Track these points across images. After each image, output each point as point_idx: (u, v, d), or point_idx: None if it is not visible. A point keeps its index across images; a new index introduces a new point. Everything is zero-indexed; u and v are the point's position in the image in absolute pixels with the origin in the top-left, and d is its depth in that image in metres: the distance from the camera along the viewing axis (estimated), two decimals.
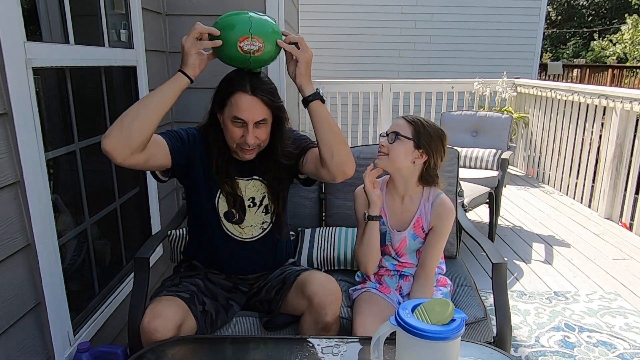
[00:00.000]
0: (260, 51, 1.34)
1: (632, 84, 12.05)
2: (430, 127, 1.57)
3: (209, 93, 1.50)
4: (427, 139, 1.55)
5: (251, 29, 1.32)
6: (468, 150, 3.92)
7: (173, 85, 1.33)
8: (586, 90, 4.43)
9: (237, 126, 1.44)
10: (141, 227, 2.41)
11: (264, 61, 1.40)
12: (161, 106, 1.31)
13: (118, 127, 1.24)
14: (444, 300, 1.01)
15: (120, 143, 1.24)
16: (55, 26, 1.67)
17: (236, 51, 1.33)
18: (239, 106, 1.41)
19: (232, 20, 1.34)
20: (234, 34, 1.32)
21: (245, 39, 1.31)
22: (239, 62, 1.38)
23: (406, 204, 1.64)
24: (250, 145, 1.45)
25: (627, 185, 3.86)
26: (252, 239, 1.61)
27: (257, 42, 1.32)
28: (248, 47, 1.32)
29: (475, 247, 3.21)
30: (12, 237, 1.35)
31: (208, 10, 2.55)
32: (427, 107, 5.40)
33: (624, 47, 17.33)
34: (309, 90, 1.41)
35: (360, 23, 7.17)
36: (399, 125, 1.57)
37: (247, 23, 1.32)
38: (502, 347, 1.51)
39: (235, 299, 1.61)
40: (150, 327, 1.29)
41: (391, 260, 1.69)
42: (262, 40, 1.33)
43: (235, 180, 1.56)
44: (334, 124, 1.44)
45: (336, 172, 1.43)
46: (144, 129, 1.27)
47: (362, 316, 1.54)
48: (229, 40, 1.32)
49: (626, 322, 2.42)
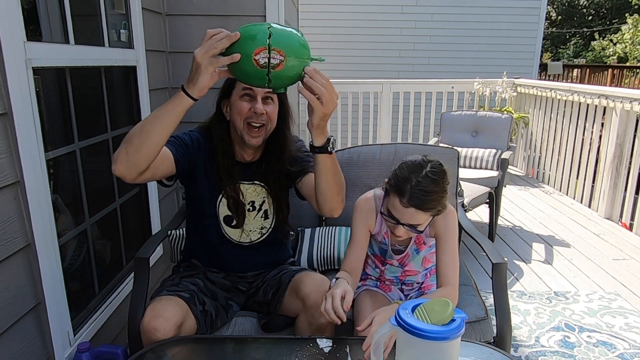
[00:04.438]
0: (281, 65, 1.12)
1: (632, 84, 12.05)
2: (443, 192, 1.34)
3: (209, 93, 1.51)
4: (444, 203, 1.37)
5: (270, 40, 1.11)
6: (468, 150, 3.92)
7: (175, 108, 1.21)
8: (586, 90, 4.43)
9: (246, 100, 1.45)
10: (141, 227, 2.41)
11: (288, 78, 1.17)
12: (165, 132, 1.24)
13: (124, 153, 1.24)
14: (444, 300, 1.01)
15: (129, 169, 1.25)
16: (55, 26, 1.67)
17: (251, 65, 1.12)
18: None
19: (248, 30, 1.15)
20: (249, 46, 1.12)
21: (262, 51, 1.11)
22: (256, 78, 1.16)
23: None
24: (259, 116, 1.44)
25: (627, 185, 3.86)
26: (250, 243, 1.61)
27: (277, 54, 1.11)
28: (264, 61, 1.11)
29: (475, 247, 3.21)
30: (12, 237, 1.35)
31: (208, 10, 2.54)
32: (427, 107, 5.39)
33: (624, 47, 17.34)
34: (318, 141, 1.28)
35: (360, 23, 7.17)
36: (414, 218, 1.36)
37: (265, 33, 1.12)
38: (502, 347, 1.51)
39: (234, 299, 1.62)
40: (150, 327, 1.29)
41: (394, 272, 1.64)
42: (284, 53, 1.12)
43: (239, 183, 1.56)
44: (338, 175, 1.37)
45: (323, 212, 1.46)
46: (150, 155, 1.26)
47: (363, 315, 1.53)
48: (242, 53, 1.13)
49: (626, 322, 2.42)
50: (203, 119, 1.60)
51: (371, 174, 2.03)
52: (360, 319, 1.52)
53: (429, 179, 1.31)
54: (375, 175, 2.03)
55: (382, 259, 1.63)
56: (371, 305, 1.55)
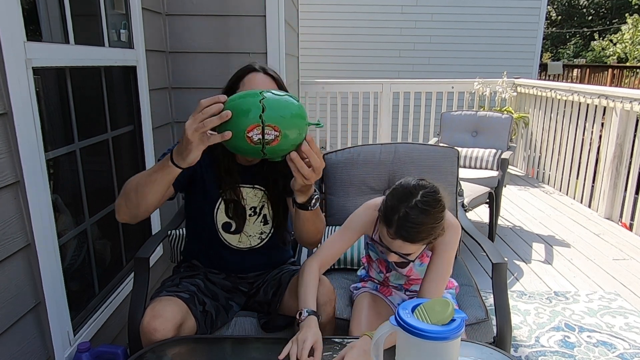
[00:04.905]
0: (276, 141, 1.07)
1: (632, 84, 12.04)
2: (434, 222, 1.24)
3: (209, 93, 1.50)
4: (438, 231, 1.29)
5: (264, 115, 1.05)
6: (468, 150, 3.92)
7: (165, 177, 1.22)
8: (586, 90, 4.43)
9: None
10: (141, 227, 2.41)
11: (285, 150, 1.12)
12: (158, 194, 1.29)
13: (125, 207, 1.33)
14: (444, 300, 1.01)
15: (132, 218, 1.37)
16: (55, 26, 1.67)
17: (244, 142, 1.07)
18: (251, 83, 1.44)
19: (239, 104, 1.08)
20: (242, 123, 1.06)
21: (255, 128, 1.05)
22: (250, 153, 1.11)
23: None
24: None
25: (627, 185, 3.86)
26: (250, 247, 1.61)
27: (271, 130, 1.06)
28: (258, 137, 1.06)
29: (475, 247, 3.21)
30: (12, 237, 1.35)
31: (208, 10, 2.54)
32: (427, 107, 5.40)
33: (624, 47, 17.33)
34: (301, 199, 1.30)
35: (360, 23, 7.18)
36: (403, 249, 1.29)
37: (258, 107, 1.05)
38: (502, 347, 1.51)
39: (235, 299, 1.61)
40: (150, 327, 1.29)
41: (399, 279, 1.61)
42: (279, 128, 1.06)
43: (239, 186, 1.55)
44: (317, 222, 1.39)
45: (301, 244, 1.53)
46: (149, 209, 1.34)
47: (358, 318, 1.52)
48: (234, 129, 1.06)
49: (626, 322, 2.42)
50: None
51: (371, 174, 2.03)
52: (354, 321, 1.52)
53: (418, 209, 1.21)
54: (375, 175, 2.03)
55: (386, 264, 1.61)
56: (368, 310, 1.54)
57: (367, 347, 1.16)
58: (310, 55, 6.56)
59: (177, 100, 2.66)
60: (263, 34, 2.59)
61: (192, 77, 2.62)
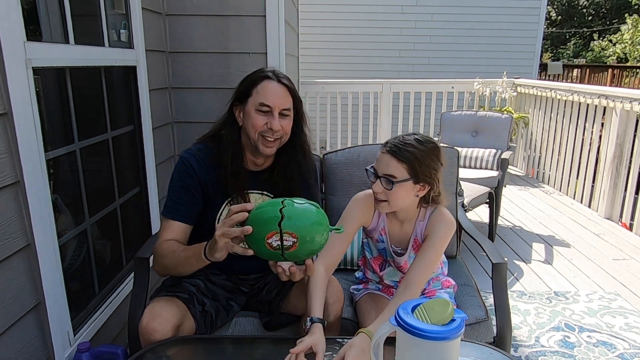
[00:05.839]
0: (294, 247, 1.13)
1: (632, 84, 12.04)
2: (423, 151, 1.38)
3: (208, 93, 1.50)
4: (426, 171, 1.38)
5: (282, 223, 1.12)
6: (468, 150, 3.92)
7: (198, 264, 1.34)
8: (586, 90, 4.43)
9: (262, 114, 1.44)
10: (141, 227, 2.41)
11: (305, 255, 1.19)
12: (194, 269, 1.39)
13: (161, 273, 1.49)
14: (444, 300, 1.01)
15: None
16: (55, 26, 1.67)
17: (264, 247, 1.15)
18: (265, 92, 1.43)
19: (260, 213, 1.16)
20: (261, 231, 1.14)
21: (274, 235, 1.13)
22: (272, 257, 1.20)
23: (404, 226, 1.55)
24: (274, 132, 1.43)
25: (627, 185, 3.86)
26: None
27: (289, 237, 1.12)
28: (277, 244, 1.13)
29: (475, 247, 3.21)
30: (12, 237, 1.35)
31: (208, 10, 2.54)
32: (427, 107, 5.39)
33: (624, 47, 17.34)
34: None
35: (360, 23, 7.18)
36: (389, 166, 1.38)
37: (277, 216, 1.13)
38: (502, 347, 1.51)
39: (235, 300, 1.61)
40: (149, 328, 1.29)
41: (393, 276, 1.63)
42: (297, 235, 1.13)
43: (247, 193, 1.54)
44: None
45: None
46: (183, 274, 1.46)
47: (369, 319, 1.51)
48: (256, 236, 1.16)
49: (626, 322, 2.42)
50: (199, 117, 1.59)
51: None
52: (363, 322, 1.52)
53: (414, 137, 1.41)
54: None
55: (381, 260, 1.62)
56: (375, 309, 1.54)
57: (365, 345, 1.19)
58: (310, 55, 6.56)
59: (177, 100, 2.66)
60: (263, 34, 2.59)
61: (192, 77, 2.62)
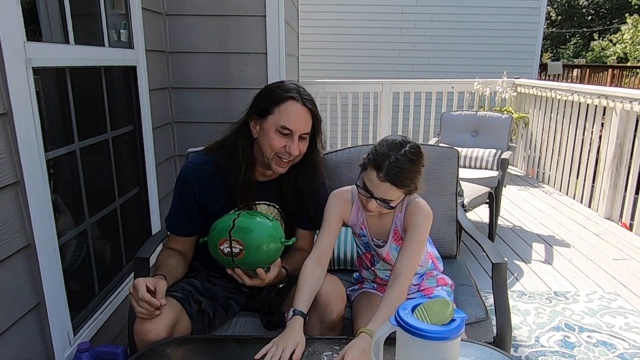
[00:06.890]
0: (242, 254, 1.31)
1: (632, 84, 12.05)
2: (417, 171, 1.40)
3: (208, 93, 1.50)
4: (417, 182, 1.42)
5: (232, 231, 1.31)
6: (468, 150, 3.92)
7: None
8: (586, 90, 4.43)
9: (281, 136, 1.42)
10: (141, 227, 2.41)
11: (254, 264, 1.35)
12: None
13: None
14: (444, 300, 1.01)
15: None
16: (55, 26, 1.67)
17: (218, 253, 1.35)
18: (289, 115, 1.41)
19: (219, 222, 1.37)
20: (215, 236, 1.34)
21: (224, 242, 1.32)
22: (224, 263, 1.38)
23: (383, 218, 1.56)
24: (292, 156, 1.43)
25: (627, 185, 3.86)
26: None
27: (237, 244, 1.31)
28: (227, 250, 1.32)
29: (475, 247, 3.21)
30: (12, 237, 1.35)
31: (208, 10, 2.55)
32: (427, 107, 5.39)
33: (624, 47, 17.34)
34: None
35: (360, 23, 7.18)
36: (388, 193, 1.39)
37: (228, 225, 1.32)
38: (502, 347, 1.51)
39: (235, 299, 1.61)
40: (142, 329, 1.28)
41: (384, 271, 1.64)
42: (243, 243, 1.31)
43: (254, 204, 1.53)
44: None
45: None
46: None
47: (363, 317, 1.53)
48: (211, 243, 1.36)
49: (626, 322, 2.42)
50: (199, 117, 1.58)
51: None
52: (361, 321, 1.52)
53: (407, 157, 1.37)
54: None
55: (370, 256, 1.63)
56: (369, 307, 1.54)
57: (366, 345, 1.19)
58: (310, 55, 6.56)
59: (177, 100, 2.66)
60: (263, 34, 2.59)
61: (192, 77, 2.62)
